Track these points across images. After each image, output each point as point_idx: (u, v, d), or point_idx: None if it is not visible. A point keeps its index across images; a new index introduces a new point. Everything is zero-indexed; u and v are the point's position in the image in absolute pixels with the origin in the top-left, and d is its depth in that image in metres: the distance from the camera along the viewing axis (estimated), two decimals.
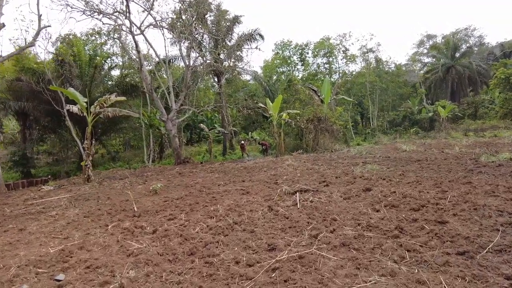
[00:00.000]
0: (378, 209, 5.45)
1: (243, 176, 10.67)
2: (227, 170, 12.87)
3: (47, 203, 8.70)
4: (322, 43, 35.60)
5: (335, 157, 14.18)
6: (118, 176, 14.65)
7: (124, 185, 11.34)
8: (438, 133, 26.37)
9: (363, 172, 9.47)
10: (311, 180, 8.64)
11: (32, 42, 11.52)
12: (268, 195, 7.05)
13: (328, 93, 20.06)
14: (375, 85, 34.49)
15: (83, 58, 21.86)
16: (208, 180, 10.56)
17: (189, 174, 12.87)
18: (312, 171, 10.52)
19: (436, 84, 40.71)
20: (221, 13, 24.08)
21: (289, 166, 11.87)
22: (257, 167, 12.87)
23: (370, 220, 4.89)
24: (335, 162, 12.41)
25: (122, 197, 8.69)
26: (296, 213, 5.52)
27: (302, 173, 10.05)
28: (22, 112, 21.35)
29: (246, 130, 37.30)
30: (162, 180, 11.81)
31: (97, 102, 12.25)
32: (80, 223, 6.14)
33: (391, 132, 34.36)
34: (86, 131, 12.47)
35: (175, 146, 18.83)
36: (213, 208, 6.20)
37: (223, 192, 7.94)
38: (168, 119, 18.43)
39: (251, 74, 26.99)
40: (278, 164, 13.05)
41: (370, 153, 14.49)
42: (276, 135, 17.99)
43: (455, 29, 46.74)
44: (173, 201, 7.51)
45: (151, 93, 18.07)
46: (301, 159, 14.19)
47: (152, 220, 5.90)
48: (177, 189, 9.22)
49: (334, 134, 18.75)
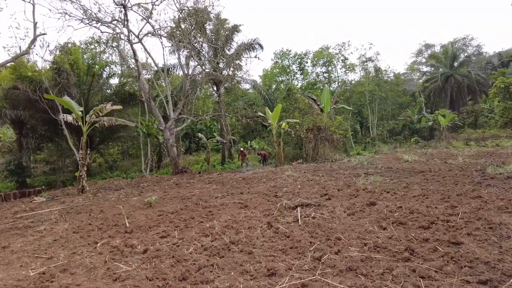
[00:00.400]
0: (385, 227, 5.09)
1: (242, 188, 10.30)
2: (225, 181, 12.49)
3: (36, 217, 8.31)
4: (321, 52, 35.56)
5: (336, 168, 13.83)
6: (113, 186, 14.25)
7: (119, 196, 10.95)
8: (439, 142, 26.09)
9: (366, 184, 9.11)
10: (312, 193, 8.27)
11: (27, 50, 11.26)
12: (268, 210, 6.68)
13: (328, 102, 19.81)
14: (374, 94, 34.33)
15: (81, 66, 21.68)
16: (205, 191, 10.18)
17: (186, 185, 12.50)
18: (313, 182, 10.15)
19: (435, 93, 40.63)
20: (221, 22, 24.01)
21: (289, 177, 11.50)
22: (256, 177, 12.51)
23: (377, 240, 4.53)
24: (336, 173, 12.06)
25: (115, 210, 8.30)
26: (298, 231, 5.15)
27: (302, 185, 9.69)
28: (19, 120, 21.04)
29: (245, 139, 36.98)
30: (158, 191, 11.43)
31: (93, 111, 11.94)
32: (67, 240, 5.75)
33: (391, 141, 34.09)
34: (81, 140, 12.13)
35: (173, 155, 18.48)
36: (209, 224, 5.82)
37: (220, 206, 7.57)
38: (166, 128, 18.12)
39: (250, 83, 26.82)
40: (278, 174, 12.69)
41: (371, 164, 14.15)
42: (276, 144, 17.67)
43: (453, 39, 46.97)
44: (168, 215, 7.13)
45: (149, 102, 17.79)
46: (301, 170, 13.83)
47: (144, 238, 5.52)
48: (173, 202, 8.83)
49: (334, 144, 18.43)
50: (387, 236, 4.66)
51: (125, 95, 21.94)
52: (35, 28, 11.25)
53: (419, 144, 27.16)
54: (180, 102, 19.55)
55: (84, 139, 12.06)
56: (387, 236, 4.69)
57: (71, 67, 20.67)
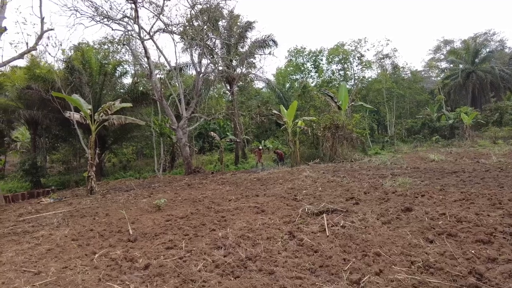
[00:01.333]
0: (431, 239, 4.19)
1: (257, 190, 9.51)
2: (239, 181, 11.73)
3: (39, 220, 7.73)
4: (337, 49, 34.42)
5: (357, 168, 12.87)
6: (124, 187, 13.71)
7: (128, 198, 10.34)
8: (462, 141, 24.64)
9: (395, 186, 8.18)
10: (336, 196, 7.40)
11: (34, 46, 10.79)
12: (288, 216, 5.85)
13: (346, 99, 18.80)
14: (392, 92, 32.96)
15: (93, 65, 21.31)
16: (218, 193, 9.44)
17: (199, 185, 11.80)
18: (335, 184, 9.26)
19: (455, 90, 38.81)
20: (234, 19, 23.28)
21: (308, 178, 10.64)
22: (272, 178, 11.69)
23: (427, 257, 3.65)
24: (359, 173, 11.11)
25: (121, 214, 7.64)
26: (326, 243, 4.32)
27: (323, 187, 8.81)
28: (33, 120, 20.87)
29: (258, 138, 36.20)
30: (169, 192, 10.77)
31: (101, 109, 11.38)
32: (63, 250, 5.08)
33: (410, 140, 32.67)
34: (90, 139, 11.59)
35: (185, 155, 17.87)
36: (221, 233, 5.04)
37: (234, 210, 6.79)
38: (178, 127, 17.52)
39: (264, 81, 25.97)
40: (295, 175, 11.84)
41: (395, 163, 13.13)
42: (291, 143, 16.79)
43: (474, 34, 44.81)
44: (177, 220, 6.40)
45: (161, 101, 17.22)
46: (319, 170, 12.93)
47: (147, 248, 4.79)
48: (183, 205, 8.12)
49: (353, 143, 17.41)
50: (438, 252, 3.78)
51: (137, 94, 21.47)
52: (42, 23, 10.78)
53: (439, 143, 25.75)
54: (193, 100, 18.93)
55: (92, 138, 11.51)
56: (437, 252, 3.80)
57: (83, 66, 20.33)
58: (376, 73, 35.99)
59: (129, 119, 12.98)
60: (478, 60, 38.27)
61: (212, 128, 33.12)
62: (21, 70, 21.60)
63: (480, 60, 38.21)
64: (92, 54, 21.61)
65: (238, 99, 26.22)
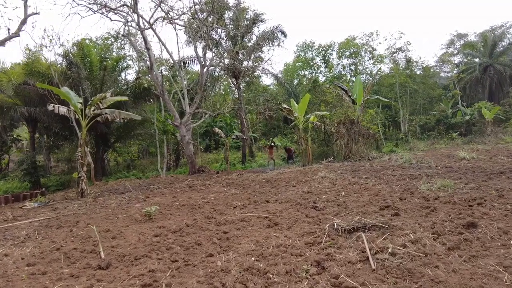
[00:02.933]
0: None
1: (267, 193, 8.06)
2: (246, 183, 10.29)
3: (8, 232, 6.41)
4: (347, 43, 32.66)
5: (378, 167, 11.31)
6: (121, 188, 12.38)
7: (121, 202, 9.01)
8: (484, 138, 22.79)
9: (434, 190, 6.65)
10: (365, 203, 5.91)
11: (17, 32, 9.55)
12: (310, 233, 4.38)
13: (361, 93, 17.18)
14: (406, 87, 31.09)
15: (94, 60, 20.05)
16: (221, 198, 8.02)
17: (201, 187, 10.40)
18: (359, 187, 7.76)
19: (471, 85, 36.68)
20: (241, 11, 21.79)
21: (325, 180, 9.15)
22: (283, 179, 10.23)
23: None
24: (383, 173, 9.57)
25: (106, 224, 6.31)
26: (375, 283, 2.84)
27: (346, 191, 7.32)
28: (31, 117, 19.74)
29: (266, 136, 34.72)
30: (167, 195, 9.40)
31: (92, 102, 10.05)
32: (7, 281, 3.71)
33: (424, 138, 30.84)
34: (80, 136, 10.29)
35: (189, 153, 16.50)
36: (221, 262, 3.60)
37: (240, 222, 5.36)
38: (181, 123, 16.16)
39: (272, 74, 24.34)
40: (309, 176, 10.36)
41: (421, 162, 11.53)
42: (303, 140, 15.28)
43: (490, 27, 42.42)
44: (167, 236, 5.00)
45: (163, 95, 15.87)
46: (336, 170, 11.42)
47: (117, 283, 3.39)
48: (180, 213, 6.72)
49: (370, 140, 15.83)
50: None
51: (139, 90, 20.17)
52: (26, 6, 9.50)
53: (460, 140, 23.94)
54: (197, 95, 17.54)
55: (83, 135, 10.22)
56: None
57: (83, 60, 19.09)
58: (389, 68, 34.09)
59: (124, 114, 11.61)
60: (496, 53, 36.03)
61: (219, 126, 31.75)
62: (20, 66, 20.50)
63: (498, 53, 35.97)
64: (92, 49, 20.36)
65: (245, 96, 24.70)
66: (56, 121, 20.34)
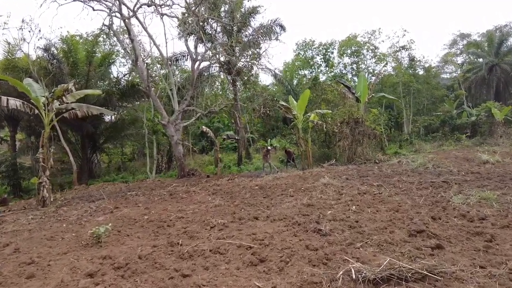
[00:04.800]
0: None
1: (257, 205, 6.42)
2: (236, 190, 8.65)
3: None
4: (349, 41, 31.06)
5: (389, 172, 9.68)
6: (96, 195, 10.73)
7: (83, 214, 7.39)
8: (496, 139, 21.17)
9: (472, 205, 5.02)
10: (385, 224, 4.28)
11: None
12: (312, 284, 2.75)
13: (365, 91, 15.57)
14: (410, 87, 29.46)
15: (80, 55, 18.43)
16: (201, 211, 6.39)
17: (183, 195, 8.77)
18: (371, 198, 6.13)
19: (476, 85, 35.07)
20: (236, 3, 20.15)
21: (328, 187, 7.52)
22: (278, 186, 8.59)
23: None
24: (397, 181, 7.93)
25: (40, 248, 4.70)
26: None
27: (357, 204, 5.68)
28: (11, 116, 18.15)
29: (264, 137, 33.05)
30: (139, 205, 7.78)
31: (53, 95, 8.44)
32: None
33: (428, 139, 29.23)
34: (42, 135, 8.68)
35: (178, 155, 14.88)
36: None
37: (211, 255, 3.72)
38: (169, 122, 14.55)
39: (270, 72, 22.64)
40: (309, 181, 8.73)
41: (438, 166, 9.89)
42: (302, 141, 13.64)
43: (494, 26, 40.80)
44: (105, 276, 3.39)
45: (149, 91, 14.25)
46: (340, 174, 9.79)
47: None
48: (141, 233, 5.10)
49: (376, 141, 14.20)
50: None
51: (126, 87, 18.57)
52: None
53: (471, 142, 22.32)
54: (188, 93, 15.94)
55: (46, 133, 8.62)
56: None
57: (66, 54, 17.49)
58: (391, 67, 32.43)
59: (93, 108, 9.94)
60: (502, 52, 34.38)
61: (216, 127, 30.05)
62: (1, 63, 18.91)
63: (505, 52, 34.31)
64: (78, 44, 18.74)
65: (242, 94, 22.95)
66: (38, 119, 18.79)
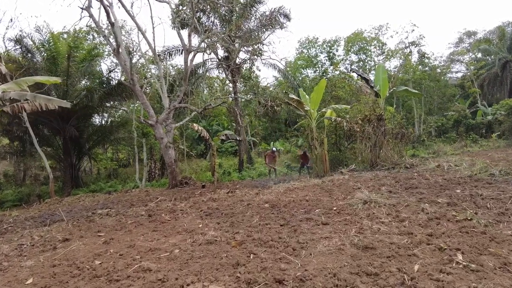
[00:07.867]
0: None
1: (275, 245, 3.90)
2: (238, 210, 6.13)
3: None
4: (355, 37, 28.70)
5: (439, 180, 7.17)
6: (54, 215, 8.19)
7: (20, 248, 4.89)
8: None
9: None
10: None
11: None
12: None
13: (385, 84, 13.08)
14: (421, 84, 27.06)
15: (61, 49, 16.01)
16: (183, 256, 3.87)
17: (166, 218, 6.24)
18: (456, 228, 3.61)
19: (489, 82, 32.72)
20: None
21: (373, 207, 5.01)
22: (297, 204, 6.08)
23: None
24: (469, 195, 5.41)
25: None
26: None
27: (453, 247, 3.16)
28: None
29: (266, 140, 30.58)
30: (101, 235, 5.27)
31: None
32: None
33: (442, 140, 26.80)
34: None
35: (168, 161, 12.40)
36: None
37: None
38: (157, 122, 12.08)
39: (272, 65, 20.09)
40: (338, 196, 6.23)
41: (507, 173, 7.38)
42: (316, 142, 11.15)
43: (502, 22, 38.51)
44: None
45: (133, 85, 11.78)
46: (373, 184, 7.30)
47: None
48: None
49: (405, 142, 11.73)
50: None
51: (112, 85, 16.14)
52: None
53: (503, 142, 19.97)
54: (181, 88, 13.50)
55: None
56: None
57: (42, 47, 15.08)
58: (399, 64, 30.04)
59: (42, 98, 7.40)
60: None
61: (215, 130, 27.52)
62: None
63: None
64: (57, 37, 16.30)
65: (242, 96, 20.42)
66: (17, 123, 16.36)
